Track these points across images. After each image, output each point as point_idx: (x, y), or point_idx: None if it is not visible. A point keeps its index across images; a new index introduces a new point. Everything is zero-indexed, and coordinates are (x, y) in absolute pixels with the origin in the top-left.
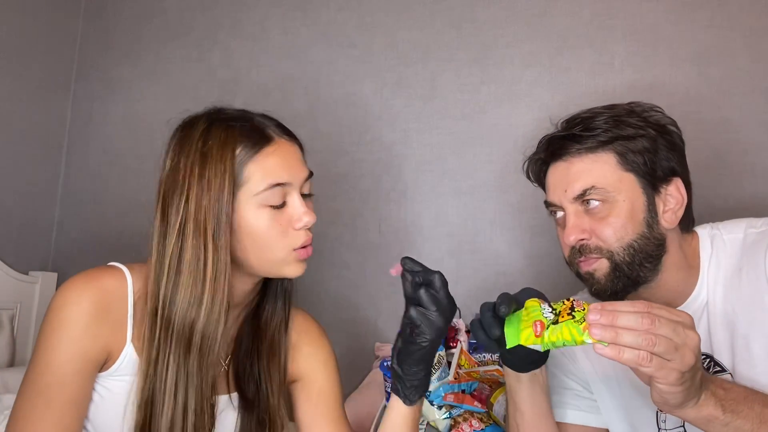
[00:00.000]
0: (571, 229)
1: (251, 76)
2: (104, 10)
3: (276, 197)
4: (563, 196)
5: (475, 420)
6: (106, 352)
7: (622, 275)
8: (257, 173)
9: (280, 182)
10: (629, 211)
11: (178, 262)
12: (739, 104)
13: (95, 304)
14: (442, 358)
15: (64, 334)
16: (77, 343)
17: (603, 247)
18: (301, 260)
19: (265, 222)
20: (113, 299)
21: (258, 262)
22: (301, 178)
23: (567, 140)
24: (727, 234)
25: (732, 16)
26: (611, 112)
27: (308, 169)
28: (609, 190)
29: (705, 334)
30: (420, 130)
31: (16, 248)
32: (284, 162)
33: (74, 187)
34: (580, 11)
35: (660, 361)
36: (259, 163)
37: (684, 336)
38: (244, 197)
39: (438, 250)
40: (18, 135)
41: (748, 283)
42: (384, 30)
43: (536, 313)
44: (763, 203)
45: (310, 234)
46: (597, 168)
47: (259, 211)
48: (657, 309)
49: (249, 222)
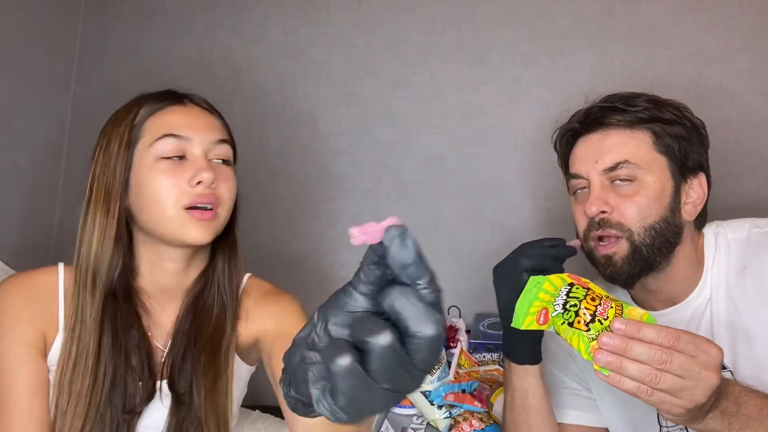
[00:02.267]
0: (594, 199)
1: (251, 76)
2: (104, 10)
3: (169, 148)
4: (592, 167)
5: (475, 420)
6: (42, 337)
7: (640, 258)
8: (153, 127)
9: (174, 133)
10: (657, 192)
11: (83, 221)
12: (739, 104)
13: (23, 293)
14: (442, 358)
15: (2, 325)
16: (13, 330)
17: (624, 224)
18: (195, 221)
19: (159, 175)
20: (42, 290)
21: (151, 221)
22: (208, 140)
23: (607, 110)
24: (731, 233)
25: (732, 16)
26: (650, 96)
27: (224, 137)
28: (641, 167)
29: (707, 331)
30: (420, 130)
31: (16, 248)
32: (187, 120)
33: (74, 187)
34: (580, 11)
35: (663, 396)
36: (159, 117)
37: (699, 376)
38: (140, 151)
39: (438, 250)
40: (18, 135)
41: (753, 282)
42: (384, 30)
43: (549, 299)
44: (763, 203)
45: (210, 196)
46: (632, 144)
47: (155, 165)
48: (685, 341)
49: (143, 175)
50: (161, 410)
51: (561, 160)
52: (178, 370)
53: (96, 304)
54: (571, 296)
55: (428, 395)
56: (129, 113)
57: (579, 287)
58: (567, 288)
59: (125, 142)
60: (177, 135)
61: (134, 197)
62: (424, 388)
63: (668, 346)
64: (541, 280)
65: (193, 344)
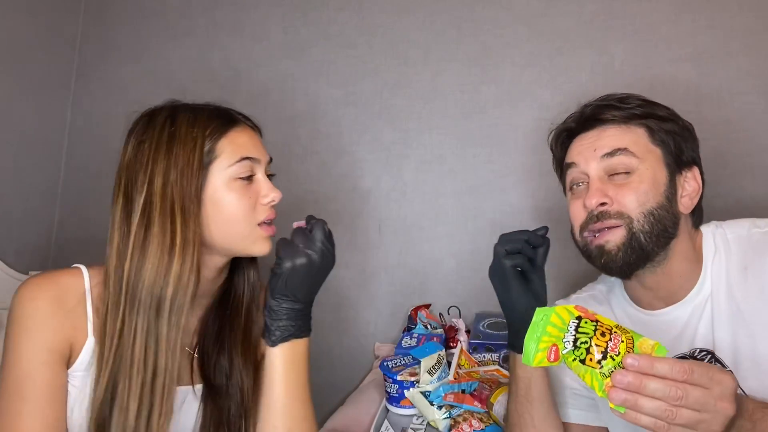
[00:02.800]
0: (594, 192)
1: (251, 76)
2: (104, 10)
3: (245, 170)
4: (591, 155)
5: (475, 420)
6: (68, 344)
7: (637, 246)
8: (228, 148)
9: (250, 156)
10: (652, 179)
11: (143, 238)
12: (739, 104)
13: (50, 299)
14: (442, 358)
15: (24, 328)
16: (39, 336)
17: (624, 212)
18: (266, 237)
19: (235, 195)
20: (69, 294)
21: (224, 237)
22: (266, 159)
23: (602, 108)
24: (731, 233)
25: (732, 16)
26: (642, 96)
27: (270, 155)
28: (637, 156)
29: (708, 329)
30: (420, 130)
31: (16, 248)
32: (251, 141)
33: (74, 187)
34: (580, 11)
35: (680, 430)
36: (230, 139)
37: (715, 409)
38: (216, 170)
39: (438, 250)
40: (18, 135)
41: (755, 281)
42: (384, 30)
43: (558, 334)
44: (763, 203)
45: (274, 211)
46: (629, 135)
47: (231, 184)
48: (698, 374)
49: (220, 195)
50: (191, 411)
51: (556, 161)
52: (215, 365)
53: (143, 317)
54: (580, 332)
55: (428, 395)
56: (194, 127)
57: (587, 321)
58: (575, 322)
59: (198, 159)
60: (251, 158)
61: (207, 214)
62: (424, 389)
63: (682, 380)
64: (548, 312)
65: (228, 341)
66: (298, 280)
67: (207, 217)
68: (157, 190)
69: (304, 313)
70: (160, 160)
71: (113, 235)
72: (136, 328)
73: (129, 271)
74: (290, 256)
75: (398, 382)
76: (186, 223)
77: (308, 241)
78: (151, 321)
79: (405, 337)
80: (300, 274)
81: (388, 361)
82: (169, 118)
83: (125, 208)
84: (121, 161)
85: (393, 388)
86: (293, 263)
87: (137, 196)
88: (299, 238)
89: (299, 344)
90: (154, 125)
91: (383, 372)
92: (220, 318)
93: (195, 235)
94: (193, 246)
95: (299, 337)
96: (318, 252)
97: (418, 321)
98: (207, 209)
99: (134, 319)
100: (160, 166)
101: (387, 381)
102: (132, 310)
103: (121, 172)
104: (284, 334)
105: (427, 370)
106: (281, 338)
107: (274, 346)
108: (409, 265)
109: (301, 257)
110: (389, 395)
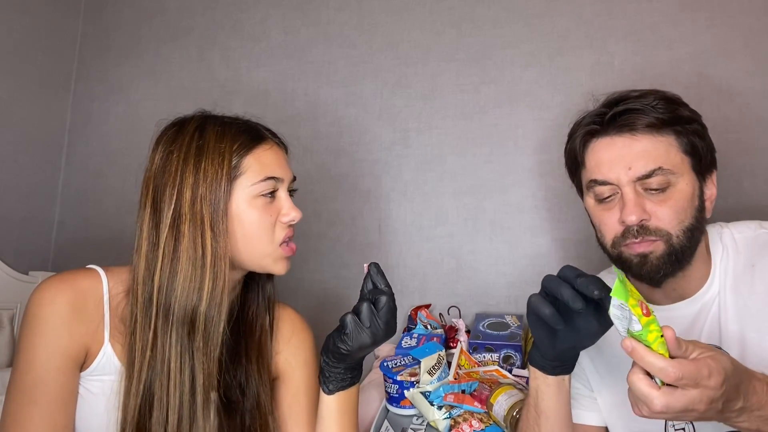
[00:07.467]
0: (634, 208)
1: (251, 76)
2: (104, 10)
3: (268, 188)
4: (624, 173)
5: (474, 420)
6: (84, 349)
7: (675, 259)
8: (254, 166)
9: (274, 176)
10: (690, 194)
11: (173, 250)
12: (739, 104)
13: (69, 303)
14: (442, 358)
15: (41, 332)
16: (54, 341)
17: (662, 228)
18: (286, 257)
19: (257, 212)
20: (88, 299)
21: (245, 253)
22: (290, 178)
23: (630, 113)
24: (737, 233)
25: (732, 16)
26: (657, 94)
27: (294, 173)
28: (674, 172)
29: (715, 327)
30: (420, 130)
31: (16, 248)
32: (277, 159)
33: (74, 187)
34: (580, 11)
35: None
36: (256, 156)
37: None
38: (240, 187)
39: (438, 250)
40: (18, 135)
41: (761, 280)
42: (384, 30)
43: (637, 295)
44: (763, 203)
45: (293, 230)
46: (662, 148)
47: (253, 201)
48: (687, 379)
49: (242, 211)
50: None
51: (570, 158)
52: (231, 378)
53: (177, 332)
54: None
55: (428, 396)
56: (222, 142)
57: None
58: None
59: (226, 174)
60: (275, 177)
61: (233, 229)
62: (424, 389)
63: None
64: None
65: (243, 354)
66: (360, 354)
67: (231, 234)
68: (186, 204)
69: (359, 364)
70: (189, 174)
71: (141, 243)
72: (171, 341)
73: (160, 282)
74: (356, 338)
75: (398, 383)
76: (216, 238)
77: (374, 319)
78: (185, 336)
79: (405, 337)
80: (363, 352)
81: (388, 361)
82: (198, 129)
83: (153, 218)
84: (149, 169)
85: (393, 389)
86: (360, 344)
87: (166, 207)
88: (366, 314)
89: (352, 391)
90: (183, 136)
91: (383, 372)
92: (235, 332)
93: (225, 250)
94: (225, 261)
95: (353, 385)
96: (382, 333)
97: (418, 321)
98: (233, 225)
99: (168, 332)
100: (189, 180)
101: (387, 381)
102: (166, 322)
103: (149, 181)
104: (340, 384)
105: (427, 371)
106: (338, 388)
107: (331, 395)
108: (409, 265)
109: (366, 338)
110: (389, 395)
